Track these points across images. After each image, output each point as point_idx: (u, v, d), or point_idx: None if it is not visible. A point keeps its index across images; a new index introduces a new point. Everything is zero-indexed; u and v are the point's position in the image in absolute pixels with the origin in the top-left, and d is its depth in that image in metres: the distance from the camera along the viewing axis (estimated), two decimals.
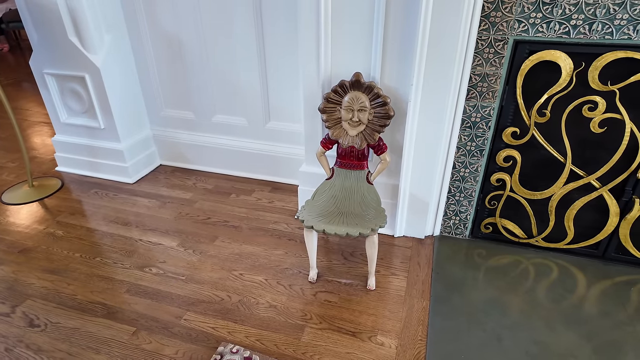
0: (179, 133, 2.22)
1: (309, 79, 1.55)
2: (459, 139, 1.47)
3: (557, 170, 1.42)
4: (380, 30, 1.36)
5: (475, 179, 1.53)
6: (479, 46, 1.31)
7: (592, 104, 1.28)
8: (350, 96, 1.42)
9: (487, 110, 1.40)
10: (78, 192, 2.06)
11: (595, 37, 1.19)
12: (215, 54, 1.92)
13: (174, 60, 2.01)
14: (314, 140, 1.68)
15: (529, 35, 1.25)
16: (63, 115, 2.11)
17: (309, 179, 1.76)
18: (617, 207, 1.42)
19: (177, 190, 2.07)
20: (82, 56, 1.87)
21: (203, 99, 2.08)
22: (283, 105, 1.96)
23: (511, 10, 1.23)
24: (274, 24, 1.76)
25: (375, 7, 1.34)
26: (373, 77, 1.45)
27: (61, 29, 1.83)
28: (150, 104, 2.18)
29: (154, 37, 1.98)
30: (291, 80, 1.88)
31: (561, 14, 1.19)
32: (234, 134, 2.13)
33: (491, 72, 1.33)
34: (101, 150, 2.12)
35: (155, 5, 1.89)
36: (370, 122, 1.43)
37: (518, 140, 1.41)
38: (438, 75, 1.34)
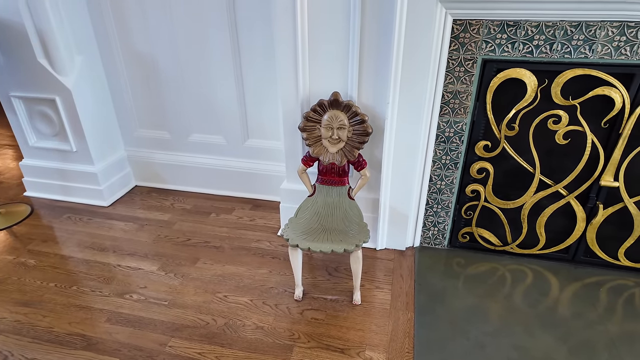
0: (154, 153, 2.18)
1: (287, 99, 1.57)
2: (434, 153, 1.53)
3: (527, 180, 1.50)
4: (356, 51, 1.40)
5: (451, 191, 1.59)
6: (450, 65, 1.37)
7: (556, 118, 1.37)
8: (330, 115, 1.45)
9: (459, 126, 1.46)
10: (49, 217, 1.98)
11: (555, 56, 1.28)
12: (191, 72, 1.92)
13: (148, 79, 1.99)
14: (294, 158, 1.69)
15: (496, 54, 1.32)
16: (32, 138, 2.04)
17: (291, 196, 1.77)
18: (583, 212, 1.51)
19: (155, 211, 2.03)
20: (52, 78, 1.83)
21: (179, 118, 2.06)
22: (261, 122, 1.97)
23: (478, 31, 1.30)
24: (251, 42, 1.78)
25: (350, 30, 1.38)
26: (351, 96, 1.49)
27: (29, 51, 1.78)
28: (124, 125, 2.14)
29: (127, 57, 1.95)
30: (269, 98, 1.90)
31: (524, 35, 1.27)
32: (211, 153, 2.12)
33: (462, 90, 1.40)
34: (73, 174, 2.06)
35: (127, 25, 1.87)
36: (350, 139, 1.46)
37: (490, 153, 1.48)
38: (412, 93, 1.40)
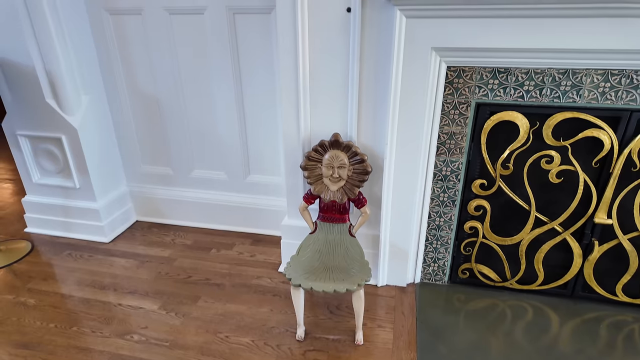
0: (156, 188, 2.21)
1: (290, 138, 1.62)
2: (432, 190, 1.57)
3: (523, 217, 1.54)
4: (355, 95, 1.47)
5: (449, 227, 1.62)
6: (445, 108, 1.43)
7: (548, 158, 1.42)
8: (330, 154, 1.50)
9: (456, 165, 1.51)
10: (50, 254, 1.98)
11: (545, 100, 1.35)
12: (194, 110, 1.98)
13: (152, 117, 2.04)
14: (295, 195, 1.73)
15: (488, 98, 1.39)
16: (35, 175, 2.07)
17: (292, 232, 1.79)
18: (579, 249, 1.54)
19: (155, 247, 2.04)
20: (59, 118, 1.88)
21: (182, 155, 2.10)
22: (262, 158, 2.02)
23: (471, 77, 1.37)
24: (253, 81, 1.85)
25: (349, 75, 1.45)
26: (350, 136, 1.55)
27: (38, 91, 1.84)
28: (128, 161, 2.18)
29: (132, 96, 2.01)
30: (270, 135, 1.95)
31: (515, 80, 1.34)
32: (213, 188, 2.15)
33: (457, 131, 1.46)
34: (75, 210, 2.07)
35: (133, 66, 1.94)
36: (350, 178, 1.51)
37: (486, 191, 1.52)
38: (409, 134, 1.45)
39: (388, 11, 1.33)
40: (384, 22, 1.35)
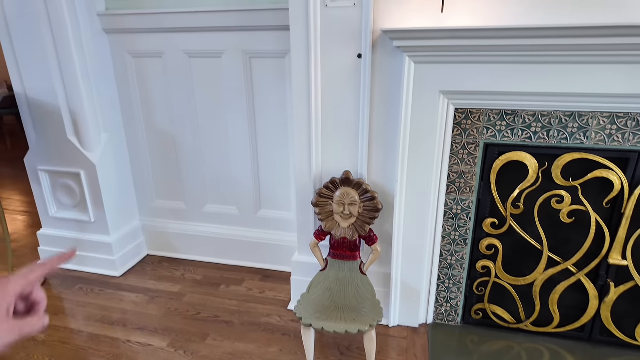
0: (168, 223, 2.24)
1: (301, 175, 1.66)
2: (443, 228, 1.57)
3: (536, 257, 1.52)
4: (366, 134, 1.51)
5: (461, 266, 1.61)
6: (454, 148, 1.47)
7: (559, 197, 1.43)
8: (341, 191, 1.53)
9: (466, 203, 1.52)
10: (62, 288, 1.99)
11: (553, 142, 1.37)
12: (209, 147, 2.04)
13: (168, 154, 2.11)
14: (306, 231, 1.74)
15: (497, 139, 1.42)
16: (52, 209, 2.12)
17: (302, 269, 1.79)
18: (595, 290, 1.51)
19: (165, 282, 2.04)
20: (79, 154, 1.95)
21: (195, 190, 2.15)
22: (274, 193, 2.05)
23: (479, 119, 1.41)
24: (266, 119, 1.92)
25: (360, 116, 1.50)
26: (361, 174, 1.58)
27: (61, 129, 1.92)
28: (142, 195, 2.23)
29: (150, 133, 2.09)
30: (282, 170, 1.99)
31: (522, 122, 1.38)
32: (224, 223, 2.17)
33: (467, 170, 1.48)
34: (89, 244, 2.10)
35: (152, 105, 2.03)
36: (361, 215, 1.52)
37: (497, 230, 1.52)
38: (420, 173, 1.48)
39: (397, 57, 1.40)
40: (394, 67, 1.41)
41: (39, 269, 0.47)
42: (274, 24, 1.70)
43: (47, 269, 0.48)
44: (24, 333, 0.45)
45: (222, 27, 1.78)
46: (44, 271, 0.47)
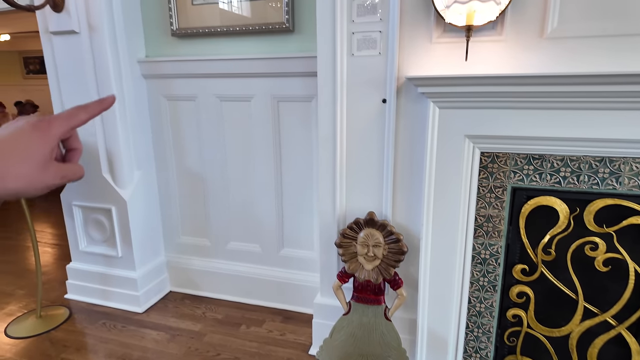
0: (192, 259, 2.27)
1: (325, 215, 1.67)
2: (471, 274, 1.53)
3: (571, 307, 1.45)
4: (390, 176, 1.53)
5: (491, 314, 1.54)
6: (481, 192, 1.45)
7: (593, 245, 1.37)
8: (365, 232, 1.52)
9: (495, 248, 1.49)
10: (86, 323, 2.01)
11: (584, 187, 1.34)
12: (235, 186, 2.09)
13: (196, 191, 2.17)
14: (329, 272, 1.73)
15: (524, 183, 1.40)
16: (83, 243, 2.18)
17: (324, 312, 1.75)
18: (637, 345, 1.41)
19: (187, 320, 2.03)
20: (112, 190, 2.03)
21: (219, 227, 2.18)
22: (297, 232, 2.06)
23: (506, 162, 1.41)
24: (292, 159, 1.96)
25: (384, 157, 1.52)
26: (385, 215, 1.57)
27: (97, 166, 2.02)
28: (168, 232, 2.28)
29: (179, 172, 2.17)
30: (305, 209, 2.01)
31: (550, 167, 1.36)
32: (246, 261, 2.18)
33: (494, 214, 1.46)
34: (114, 279, 2.14)
35: (183, 146, 2.12)
36: (385, 257, 1.50)
37: (528, 277, 1.47)
38: (446, 215, 1.47)
39: (422, 102, 1.43)
40: (418, 111, 1.45)
41: (81, 113, 0.44)
42: (302, 70, 1.79)
43: (89, 114, 0.45)
44: (66, 178, 0.43)
45: (253, 74, 1.88)
46: (86, 116, 0.44)
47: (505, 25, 1.30)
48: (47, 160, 0.41)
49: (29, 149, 0.39)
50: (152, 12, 1.98)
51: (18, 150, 0.38)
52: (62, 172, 0.43)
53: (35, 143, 0.40)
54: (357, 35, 1.46)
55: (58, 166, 0.42)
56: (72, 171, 0.44)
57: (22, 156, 0.39)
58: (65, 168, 0.43)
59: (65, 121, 0.43)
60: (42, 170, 0.40)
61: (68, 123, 0.43)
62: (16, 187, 0.38)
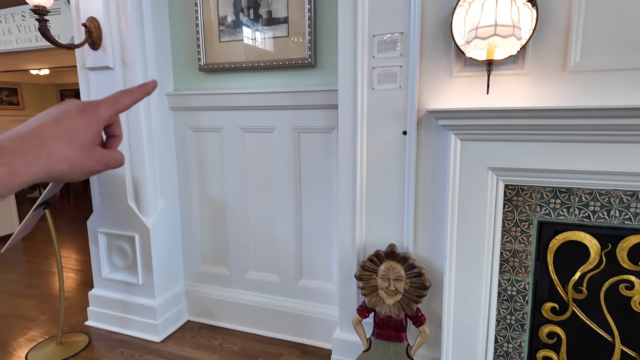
0: (211, 288, 2.26)
1: (344, 247, 1.65)
2: (497, 311, 1.47)
3: (607, 350, 1.36)
4: (411, 207, 1.51)
5: (520, 356, 1.46)
6: (506, 225, 1.42)
7: (628, 283, 1.31)
8: (386, 265, 1.49)
9: (522, 285, 1.43)
10: (104, 351, 2.01)
11: (615, 222, 1.29)
12: (255, 216, 2.11)
13: (217, 220, 2.19)
14: (348, 305, 1.69)
15: (551, 217, 1.36)
16: (105, 270, 2.22)
17: (344, 347, 1.70)
18: None
19: (203, 351, 2.00)
20: (136, 218, 2.07)
21: (239, 256, 2.18)
22: (315, 263, 2.04)
23: (531, 196, 1.37)
24: (311, 191, 1.97)
25: (405, 189, 1.52)
26: (407, 248, 1.55)
27: (123, 194, 2.08)
28: (188, 260, 2.29)
29: (202, 201, 2.21)
30: (324, 240, 2.00)
31: (578, 201, 1.32)
32: (264, 291, 2.16)
33: (521, 249, 1.41)
34: (134, 306, 2.15)
35: (206, 176, 2.17)
36: (407, 292, 1.46)
37: (559, 316, 1.40)
38: (469, 249, 1.43)
39: (443, 134, 1.43)
40: (439, 143, 1.45)
41: (125, 98, 0.43)
42: (323, 103, 1.83)
43: (133, 99, 0.44)
44: (107, 165, 0.42)
45: (275, 106, 1.93)
46: (130, 101, 0.44)
47: (527, 59, 1.31)
48: (92, 145, 0.40)
49: (75, 131, 0.39)
50: (181, 49, 2.09)
51: (65, 132, 0.38)
52: (105, 158, 0.42)
53: (82, 126, 0.39)
54: (378, 70, 1.49)
55: (101, 152, 0.42)
56: (114, 158, 0.43)
57: (69, 138, 0.38)
58: (108, 154, 0.43)
59: (111, 106, 0.42)
60: (86, 155, 0.40)
61: (114, 108, 0.42)
62: (61, 169, 0.38)
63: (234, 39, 1.94)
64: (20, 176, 0.35)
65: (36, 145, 0.36)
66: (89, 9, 1.91)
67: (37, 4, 1.63)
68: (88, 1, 1.90)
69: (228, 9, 1.92)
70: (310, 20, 1.76)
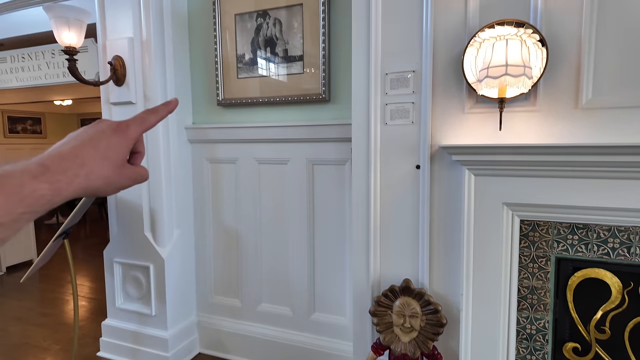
0: (223, 320, 2.25)
1: (358, 281, 1.64)
2: (517, 351, 1.42)
3: None
4: (426, 243, 1.50)
5: None
6: (523, 261, 1.40)
7: None
8: (401, 301, 1.47)
9: (541, 323, 1.39)
10: None
11: (636, 259, 1.27)
12: (269, 247, 2.11)
13: (230, 251, 2.21)
14: (363, 342, 1.66)
15: (569, 253, 1.34)
16: (119, 300, 2.23)
17: None
18: None
19: None
20: (152, 248, 2.10)
21: (251, 288, 2.17)
22: (329, 296, 2.02)
23: (547, 231, 1.36)
24: (324, 221, 1.98)
25: (419, 224, 1.51)
26: (422, 283, 1.53)
27: (139, 224, 2.12)
28: (201, 291, 2.30)
29: (216, 231, 2.23)
30: (338, 273, 1.98)
31: (597, 237, 1.30)
32: (277, 324, 2.14)
33: (539, 286, 1.38)
34: (146, 338, 2.14)
35: (221, 206, 2.20)
36: (423, 329, 1.44)
37: (581, 357, 1.35)
38: (486, 285, 1.41)
39: (456, 169, 1.44)
40: (453, 178, 1.45)
41: (151, 117, 0.47)
42: (336, 136, 1.87)
43: (158, 117, 0.47)
44: (136, 181, 0.45)
45: (290, 139, 1.97)
46: (155, 119, 0.47)
47: (539, 96, 1.33)
48: (123, 162, 0.44)
49: (109, 150, 0.43)
50: (201, 84, 2.17)
51: (101, 152, 0.42)
52: (134, 174, 0.46)
53: (116, 145, 0.43)
54: (391, 106, 1.53)
55: (131, 168, 0.46)
56: (140, 174, 0.47)
57: (104, 157, 0.42)
58: (135, 170, 0.46)
59: (140, 125, 0.46)
60: (118, 172, 0.43)
61: (142, 127, 0.46)
62: (97, 185, 0.42)
63: (251, 75, 2.02)
64: (63, 193, 0.38)
65: (76, 164, 0.40)
66: (115, 48, 2.01)
67: (68, 45, 1.74)
68: (114, 40, 2.01)
69: (246, 47, 2.01)
70: (324, 57, 1.83)
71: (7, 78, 3.03)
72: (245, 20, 2.00)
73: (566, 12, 1.28)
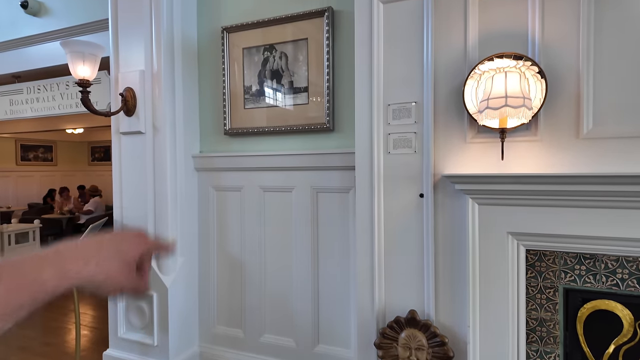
0: (225, 351, 2.20)
1: (363, 312, 1.61)
2: None
3: None
4: (431, 272, 1.49)
5: None
6: (530, 292, 1.37)
7: None
8: (407, 333, 1.44)
9: (551, 356, 1.35)
10: None
11: None
12: (273, 277, 2.10)
13: (234, 280, 2.19)
14: None
15: (577, 284, 1.31)
16: (122, 329, 2.20)
17: None
18: None
19: None
20: (155, 277, 2.09)
21: (254, 318, 2.14)
22: (333, 327, 1.98)
23: (554, 261, 1.34)
24: (328, 250, 1.97)
25: (424, 253, 1.50)
26: (428, 314, 1.50)
27: None
28: (204, 321, 2.26)
29: (220, 260, 2.22)
30: (342, 303, 1.95)
31: (604, 267, 1.28)
32: (280, 356, 2.08)
33: (547, 318, 1.35)
34: None
35: (226, 234, 2.20)
36: None
37: None
38: (493, 317, 1.38)
39: (460, 198, 1.45)
40: (457, 207, 1.45)
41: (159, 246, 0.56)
42: (340, 164, 1.89)
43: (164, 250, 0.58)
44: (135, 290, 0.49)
45: (294, 167, 2.00)
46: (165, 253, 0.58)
47: (540, 126, 1.35)
48: (131, 263, 0.49)
49: (122, 245, 0.48)
50: (208, 114, 2.23)
51: (115, 244, 0.48)
52: (136, 281, 0.50)
53: (131, 244, 0.49)
54: (393, 136, 1.56)
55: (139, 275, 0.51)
56: (142, 285, 0.52)
57: (115, 250, 0.47)
58: (138, 280, 0.51)
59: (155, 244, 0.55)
60: (123, 271, 0.47)
61: (156, 246, 0.55)
62: (98, 279, 0.46)
63: (258, 106, 2.07)
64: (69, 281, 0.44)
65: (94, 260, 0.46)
66: (126, 80, 2.09)
67: (82, 78, 1.81)
68: (126, 73, 2.09)
69: (253, 79, 2.07)
70: (328, 89, 1.88)
71: (23, 108, 3.14)
72: (252, 53, 2.07)
73: (563, 45, 1.31)
